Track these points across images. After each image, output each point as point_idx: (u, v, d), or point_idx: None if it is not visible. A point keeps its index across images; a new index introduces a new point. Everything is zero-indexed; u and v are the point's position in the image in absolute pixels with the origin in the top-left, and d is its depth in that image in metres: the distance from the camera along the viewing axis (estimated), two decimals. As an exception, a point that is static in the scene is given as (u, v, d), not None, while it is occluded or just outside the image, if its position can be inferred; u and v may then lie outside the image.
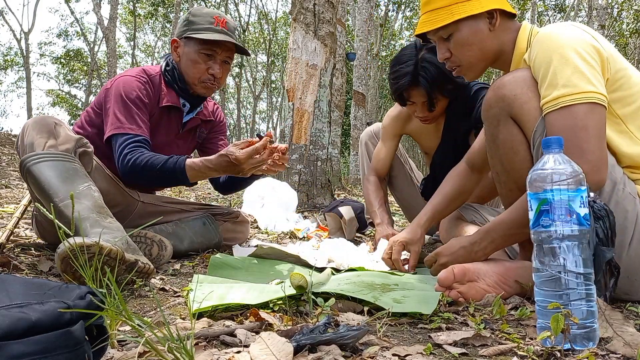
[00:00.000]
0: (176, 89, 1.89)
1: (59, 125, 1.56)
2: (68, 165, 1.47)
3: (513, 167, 1.33)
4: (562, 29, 1.25)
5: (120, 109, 1.76)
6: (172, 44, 1.91)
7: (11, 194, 3.91)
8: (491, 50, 1.40)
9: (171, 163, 1.69)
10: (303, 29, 3.60)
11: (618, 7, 14.47)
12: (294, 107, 3.62)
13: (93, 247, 1.17)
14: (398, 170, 2.39)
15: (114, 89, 1.80)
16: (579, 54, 1.19)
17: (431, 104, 1.97)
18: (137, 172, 1.69)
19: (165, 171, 1.68)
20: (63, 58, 23.82)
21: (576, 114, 1.17)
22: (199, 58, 1.83)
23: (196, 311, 1.05)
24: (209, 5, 18.65)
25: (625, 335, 0.94)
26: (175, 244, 1.79)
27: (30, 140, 1.49)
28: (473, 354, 0.91)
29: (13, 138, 8.77)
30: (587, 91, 1.17)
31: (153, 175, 1.69)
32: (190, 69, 1.85)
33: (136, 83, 1.81)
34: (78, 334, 0.68)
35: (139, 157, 1.69)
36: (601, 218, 1.04)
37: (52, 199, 1.39)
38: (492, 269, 1.29)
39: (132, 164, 1.69)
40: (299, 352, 0.84)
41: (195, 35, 1.81)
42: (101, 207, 1.43)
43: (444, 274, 1.25)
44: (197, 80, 1.86)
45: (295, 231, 2.59)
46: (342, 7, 6.56)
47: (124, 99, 1.77)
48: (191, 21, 1.84)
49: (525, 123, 1.27)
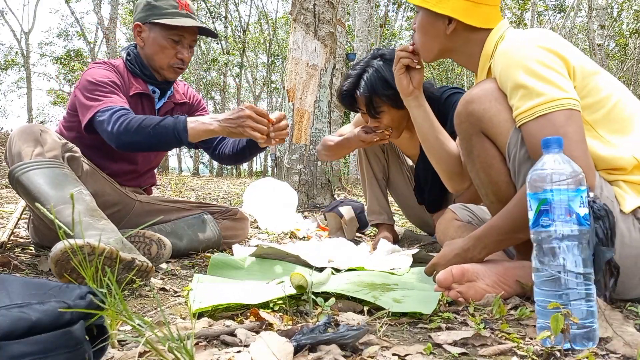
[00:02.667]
0: (142, 77, 1.86)
1: (44, 132, 1.55)
2: (57, 171, 1.47)
3: (490, 180, 1.34)
4: (519, 42, 1.24)
5: (92, 91, 1.68)
6: (134, 29, 1.84)
7: (11, 194, 3.91)
8: (444, 46, 1.44)
9: (170, 119, 1.62)
10: (303, 29, 3.60)
11: (618, 7, 14.47)
12: (294, 107, 3.62)
13: (85, 247, 1.17)
14: (396, 172, 2.40)
15: (80, 83, 1.74)
16: (543, 63, 1.18)
17: (374, 111, 1.96)
18: (131, 133, 1.58)
19: (164, 126, 1.59)
20: (63, 58, 23.82)
21: (555, 121, 1.15)
22: (167, 43, 1.79)
23: (196, 311, 1.05)
24: (209, 6, 18.66)
25: (625, 335, 0.94)
26: (174, 243, 1.79)
27: (17, 150, 1.49)
28: (473, 353, 0.91)
29: (13, 138, 8.75)
30: (561, 98, 1.16)
31: (149, 133, 1.59)
32: (158, 55, 1.81)
33: (103, 70, 1.77)
34: (78, 333, 0.68)
35: (132, 118, 1.60)
36: (601, 218, 1.04)
37: (44, 206, 1.38)
38: (491, 269, 1.29)
39: (127, 126, 1.58)
40: (299, 352, 0.84)
41: (162, 20, 1.76)
42: (94, 209, 1.43)
43: (443, 274, 1.25)
44: (165, 65, 1.82)
45: (295, 231, 2.59)
46: (342, 7, 6.57)
47: (93, 83, 1.70)
48: (154, 5, 1.79)
49: (497, 136, 1.28)
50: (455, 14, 1.37)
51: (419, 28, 1.47)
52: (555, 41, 1.24)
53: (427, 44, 1.47)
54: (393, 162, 2.39)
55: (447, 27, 1.40)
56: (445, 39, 1.42)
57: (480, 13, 1.37)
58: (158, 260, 1.65)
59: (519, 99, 1.20)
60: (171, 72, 1.84)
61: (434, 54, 1.48)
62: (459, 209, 1.71)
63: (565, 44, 1.26)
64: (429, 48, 1.47)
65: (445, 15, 1.38)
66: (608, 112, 1.24)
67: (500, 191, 1.33)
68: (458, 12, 1.37)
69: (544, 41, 1.23)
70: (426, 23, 1.44)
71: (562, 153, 0.96)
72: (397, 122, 2.02)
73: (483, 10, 1.37)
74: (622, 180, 1.23)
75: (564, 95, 1.16)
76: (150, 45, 1.81)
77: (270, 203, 2.93)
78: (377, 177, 2.37)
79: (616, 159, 1.22)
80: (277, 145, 1.77)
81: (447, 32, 1.40)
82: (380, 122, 2.01)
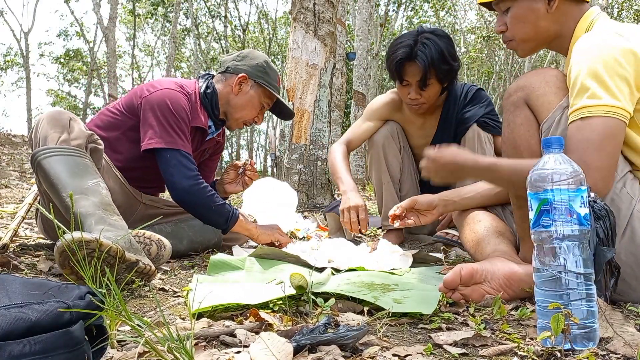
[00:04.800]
0: (209, 112, 1.96)
1: (73, 120, 1.57)
2: (79, 160, 1.48)
3: (530, 149, 1.34)
4: (600, 39, 1.23)
5: (171, 123, 1.77)
6: (239, 78, 1.95)
7: (11, 194, 3.91)
8: (546, 31, 1.40)
9: (229, 207, 1.83)
10: (303, 29, 3.60)
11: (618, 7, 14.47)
12: (294, 107, 3.62)
13: (92, 243, 1.17)
14: (407, 173, 2.36)
15: (157, 100, 1.78)
16: (610, 67, 1.18)
17: (424, 82, 1.98)
18: (197, 196, 1.76)
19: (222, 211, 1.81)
20: (63, 58, 23.81)
21: (594, 126, 1.17)
22: (258, 105, 2.00)
23: (196, 311, 1.05)
24: (209, 5, 18.67)
25: (625, 335, 0.94)
26: (174, 244, 1.78)
27: (43, 134, 1.50)
28: (473, 354, 0.91)
29: (13, 138, 8.77)
30: (609, 104, 1.16)
31: (209, 208, 1.78)
32: (245, 109, 1.98)
33: (182, 99, 1.84)
34: (78, 334, 0.67)
35: (205, 186, 1.78)
36: (602, 218, 1.04)
37: (59, 194, 1.40)
38: (499, 269, 1.28)
39: (198, 189, 1.75)
40: (299, 352, 0.84)
41: (269, 88, 1.98)
42: (108, 204, 1.43)
43: (451, 275, 1.23)
44: (241, 119, 2.01)
45: (295, 231, 2.59)
46: (342, 7, 6.56)
47: (173, 114, 1.78)
48: (267, 72, 1.99)
49: (539, 113, 1.32)
50: None
51: (516, 22, 1.41)
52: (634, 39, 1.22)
53: (529, 33, 1.41)
54: (406, 161, 2.36)
55: (548, 6, 1.36)
56: (545, 21, 1.37)
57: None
58: (158, 261, 1.65)
59: (574, 97, 1.22)
60: (238, 125, 2.04)
61: (534, 44, 1.43)
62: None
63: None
64: (529, 38, 1.42)
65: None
66: None
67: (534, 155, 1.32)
68: None
69: (621, 41, 1.21)
70: (525, 11, 1.38)
71: (562, 153, 0.96)
72: (434, 98, 2.09)
73: None
74: None
75: (614, 102, 1.16)
76: (245, 99, 1.98)
77: (270, 203, 2.93)
78: (394, 179, 2.32)
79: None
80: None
81: (551, 10, 1.36)
82: (422, 95, 2.05)
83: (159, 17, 20.46)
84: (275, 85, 2.01)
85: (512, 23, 1.42)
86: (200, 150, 2.03)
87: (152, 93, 1.80)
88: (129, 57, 24.87)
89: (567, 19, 1.37)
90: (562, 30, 1.39)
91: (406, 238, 2.52)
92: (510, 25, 1.43)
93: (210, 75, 2.01)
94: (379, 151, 2.29)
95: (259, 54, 2.06)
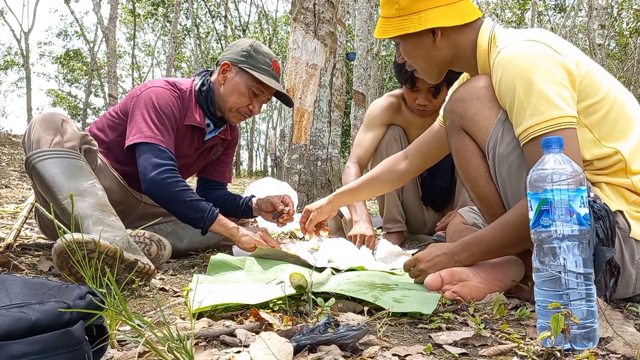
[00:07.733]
0: (205, 109, 1.91)
1: (66, 122, 1.57)
2: (73, 162, 1.47)
3: (468, 176, 1.36)
4: (522, 49, 1.22)
5: (152, 118, 1.73)
6: (222, 66, 1.90)
7: (11, 194, 3.91)
8: (442, 59, 1.40)
9: (206, 205, 1.71)
10: (303, 29, 3.60)
11: (618, 7, 14.47)
12: (294, 107, 3.62)
13: (90, 243, 1.17)
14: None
15: (144, 97, 1.77)
16: (543, 76, 1.17)
17: (437, 90, 1.97)
18: (167, 191, 1.67)
19: (197, 208, 1.69)
20: (63, 58, 23.82)
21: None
22: (246, 92, 1.88)
23: (196, 311, 1.05)
24: (210, 5, 18.67)
25: (625, 335, 0.94)
26: (174, 243, 1.79)
27: (36, 137, 1.50)
28: (473, 354, 0.91)
29: (13, 138, 8.76)
30: (554, 117, 1.15)
31: (182, 203, 1.68)
32: (232, 97, 1.89)
33: (169, 96, 1.80)
34: (78, 334, 0.68)
35: (178, 180, 1.68)
36: (601, 218, 1.04)
37: (56, 196, 1.40)
38: (477, 269, 1.31)
39: (169, 183, 1.66)
40: (299, 352, 0.84)
41: (252, 71, 1.85)
42: (105, 205, 1.43)
43: (431, 277, 1.26)
44: (234, 109, 1.90)
45: (295, 231, 2.59)
46: (342, 7, 6.56)
47: (157, 109, 1.75)
48: (252, 55, 1.88)
49: (476, 133, 1.31)
50: (437, 22, 1.34)
51: (409, 57, 1.43)
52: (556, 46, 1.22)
53: (425, 65, 1.43)
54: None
55: (433, 39, 1.37)
56: (437, 51, 1.39)
57: (457, 11, 1.35)
58: (158, 261, 1.65)
59: (515, 117, 1.21)
60: (236, 116, 1.93)
61: (437, 72, 1.45)
62: (466, 212, 1.71)
63: (564, 46, 1.24)
64: (428, 68, 1.44)
65: (428, 29, 1.35)
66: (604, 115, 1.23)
67: (479, 187, 1.35)
68: (438, 20, 1.34)
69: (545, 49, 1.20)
70: (413, 47, 1.40)
71: (562, 153, 0.96)
72: (442, 103, 2.08)
73: (458, 8, 1.35)
74: (604, 183, 1.23)
75: (558, 113, 1.15)
76: (230, 87, 1.89)
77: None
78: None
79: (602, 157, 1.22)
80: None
81: (436, 42, 1.37)
82: (431, 101, 2.03)
83: (159, 17, 20.48)
84: (264, 68, 1.89)
85: (406, 57, 1.44)
86: (202, 149, 2.01)
87: (142, 92, 1.79)
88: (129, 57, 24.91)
89: (461, 42, 1.38)
90: (460, 53, 1.39)
91: (406, 238, 2.53)
92: (406, 58, 1.45)
93: (207, 72, 1.98)
94: (382, 155, 2.32)
95: (247, 40, 1.97)
